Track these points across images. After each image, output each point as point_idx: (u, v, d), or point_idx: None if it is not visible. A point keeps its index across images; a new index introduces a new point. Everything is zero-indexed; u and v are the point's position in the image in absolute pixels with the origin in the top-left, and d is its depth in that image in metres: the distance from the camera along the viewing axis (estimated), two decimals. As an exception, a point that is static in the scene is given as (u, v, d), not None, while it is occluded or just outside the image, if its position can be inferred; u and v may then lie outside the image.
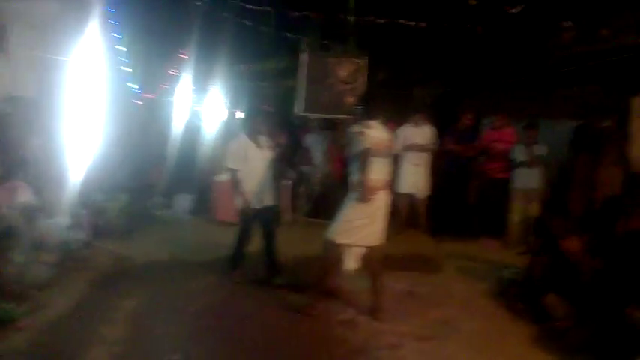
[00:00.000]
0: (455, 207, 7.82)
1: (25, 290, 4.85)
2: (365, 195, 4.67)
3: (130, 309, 4.98)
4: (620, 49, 7.40)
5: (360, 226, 4.79)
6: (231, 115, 11.13)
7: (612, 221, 6.13)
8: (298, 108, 7.69)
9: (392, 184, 5.02)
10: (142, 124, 10.33)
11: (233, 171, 5.65)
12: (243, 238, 5.81)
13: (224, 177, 8.42)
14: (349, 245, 4.85)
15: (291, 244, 6.39)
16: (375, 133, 4.79)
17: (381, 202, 4.84)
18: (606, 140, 7.61)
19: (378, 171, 4.77)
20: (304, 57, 7.57)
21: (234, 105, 11.94)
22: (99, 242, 7.11)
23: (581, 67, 8.09)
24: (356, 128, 4.85)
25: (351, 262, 4.92)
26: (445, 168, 7.98)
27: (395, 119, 8.11)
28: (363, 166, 4.65)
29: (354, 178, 4.81)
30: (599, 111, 7.91)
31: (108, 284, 5.66)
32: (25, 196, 5.97)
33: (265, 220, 5.78)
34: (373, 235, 4.84)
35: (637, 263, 4.52)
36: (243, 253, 5.85)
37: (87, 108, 7.41)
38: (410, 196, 8.03)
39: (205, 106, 11.58)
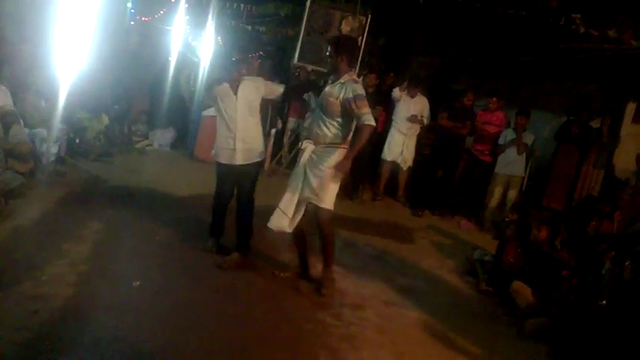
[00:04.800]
0: (437, 182, 7.81)
1: (-7, 196, 4.72)
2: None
3: (96, 230, 4.88)
4: (624, 52, 7.34)
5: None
6: (223, 54, 10.83)
7: (586, 220, 6.22)
8: (296, 57, 7.50)
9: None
10: (134, 48, 9.99)
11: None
12: (217, 199, 4.79)
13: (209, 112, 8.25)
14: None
15: (267, 195, 6.26)
16: None
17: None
18: (594, 140, 7.62)
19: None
20: (308, 4, 7.31)
21: (228, 45, 11.63)
22: (74, 160, 6.97)
23: (584, 63, 8.01)
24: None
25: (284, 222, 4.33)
26: (435, 142, 7.93)
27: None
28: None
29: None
30: (594, 110, 7.88)
31: (77, 202, 5.56)
32: (2, 99, 5.76)
33: (239, 181, 4.69)
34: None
35: (600, 265, 4.57)
36: (220, 220, 4.82)
37: (78, 21, 7.09)
38: (393, 164, 8.01)
39: (200, 41, 11.25)
